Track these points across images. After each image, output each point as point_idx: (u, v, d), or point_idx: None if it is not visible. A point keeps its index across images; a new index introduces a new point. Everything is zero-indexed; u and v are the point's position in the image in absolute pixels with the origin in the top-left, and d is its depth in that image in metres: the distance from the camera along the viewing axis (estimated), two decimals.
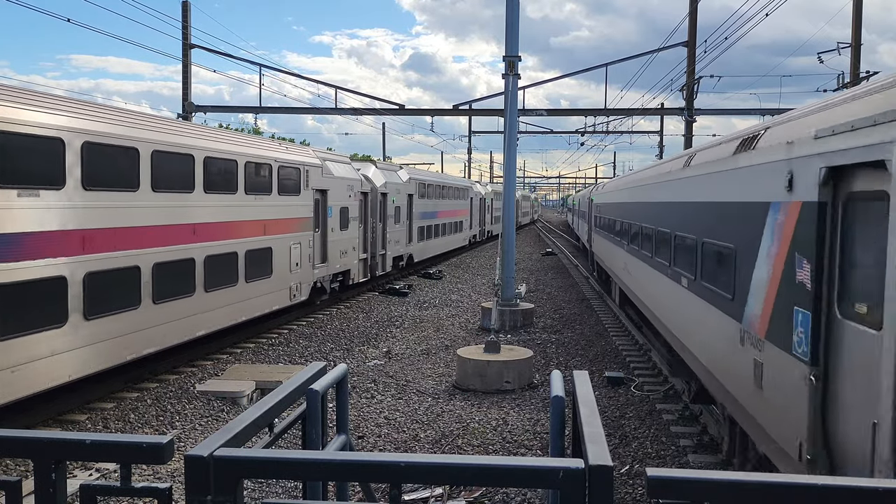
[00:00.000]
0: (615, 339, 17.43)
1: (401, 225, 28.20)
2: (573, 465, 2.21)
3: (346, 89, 33.24)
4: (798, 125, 6.18)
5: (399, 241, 28.05)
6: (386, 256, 26.16)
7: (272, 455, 2.57)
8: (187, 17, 29.28)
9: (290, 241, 17.54)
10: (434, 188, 34.76)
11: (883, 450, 4.15)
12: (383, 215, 25.76)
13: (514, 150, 19.85)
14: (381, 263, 25.72)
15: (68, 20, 20.67)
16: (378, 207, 25.04)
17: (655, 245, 13.04)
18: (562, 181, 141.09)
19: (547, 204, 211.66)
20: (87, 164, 10.55)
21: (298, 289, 18.24)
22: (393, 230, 26.87)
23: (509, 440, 10.04)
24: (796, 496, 2.04)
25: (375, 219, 24.83)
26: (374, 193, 24.54)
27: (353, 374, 13.74)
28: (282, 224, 17.04)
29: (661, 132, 46.27)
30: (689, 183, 10.30)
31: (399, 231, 27.98)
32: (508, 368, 12.73)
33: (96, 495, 2.53)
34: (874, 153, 4.43)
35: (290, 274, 17.60)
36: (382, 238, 25.77)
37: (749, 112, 31.66)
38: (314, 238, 19.17)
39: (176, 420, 11.05)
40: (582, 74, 36.02)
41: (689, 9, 28.47)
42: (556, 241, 59.55)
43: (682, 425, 10.76)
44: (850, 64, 24.17)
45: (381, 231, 25.53)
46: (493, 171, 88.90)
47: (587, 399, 3.06)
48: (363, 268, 23.75)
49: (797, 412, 5.45)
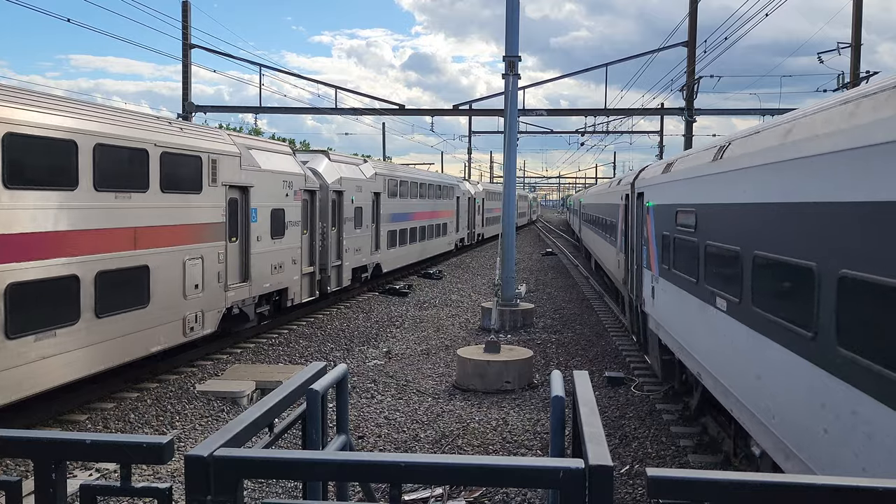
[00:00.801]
0: (615, 339, 17.44)
1: (364, 230, 23.68)
2: (573, 465, 2.21)
3: (346, 89, 33.28)
4: None
5: (361, 248, 23.49)
6: (342, 268, 21.57)
7: (272, 455, 2.57)
8: (187, 17, 29.29)
9: (183, 255, 12.89)
10: (409, 186, 30.34)
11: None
12: (338, 218, 21.27)
13: (514, 150, 19.86)
14: (335, 277, 21.21)
15: (68, 20, 20.71)
16: (331, 209, 20.54)
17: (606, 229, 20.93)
18: (562, 181, 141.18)
19: (547, 204, 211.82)
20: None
21: (199, 319, 13.51)
22: (352, 236, 22.47)
23: (509, 440, 10.04)
24: (796, 496, 2.04)
25: (327, 223, 20.38)
26: (324, 192, 20.14)
27: (353, 374, 13.74)
28: (167, 233, 12.46)
29: (661, 132, 46.34)
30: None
31: (361, 237, 23.43)
32: (508, 368, 12.73)
33: (96, 495, 2.53)
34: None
35: (182, 300, 12.92)
36: (337, 246, 21.33)
37: (749, 112, 31.66)
38: (228, 250, 14.40)
39: (176, 420, 11.06)
40: (582, 74, 36.10)
41: (689, 9, 28.48)
42: (556, 242, 59.54)
43: (682, 425, 10.76)
44: (850, 64, 24.18)
45: (334, 238, 21.08)
46: (493, 171, 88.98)
47: (587, 399, 3.06)
48: (308, 284, 19.23)
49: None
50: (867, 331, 4.70)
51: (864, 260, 4.67)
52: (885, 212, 4.44)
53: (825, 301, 5.19)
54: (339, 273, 21.54)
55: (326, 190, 20.30)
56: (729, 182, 7.85)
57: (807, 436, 5.59)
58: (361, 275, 24.03)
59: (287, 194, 17.36)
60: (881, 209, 4.49)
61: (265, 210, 16.16)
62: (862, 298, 4.74)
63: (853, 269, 4.78)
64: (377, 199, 25.48)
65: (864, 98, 5.04)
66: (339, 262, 21.39)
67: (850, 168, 4.95)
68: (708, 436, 10.12)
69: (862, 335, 4.77)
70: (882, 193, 4.48)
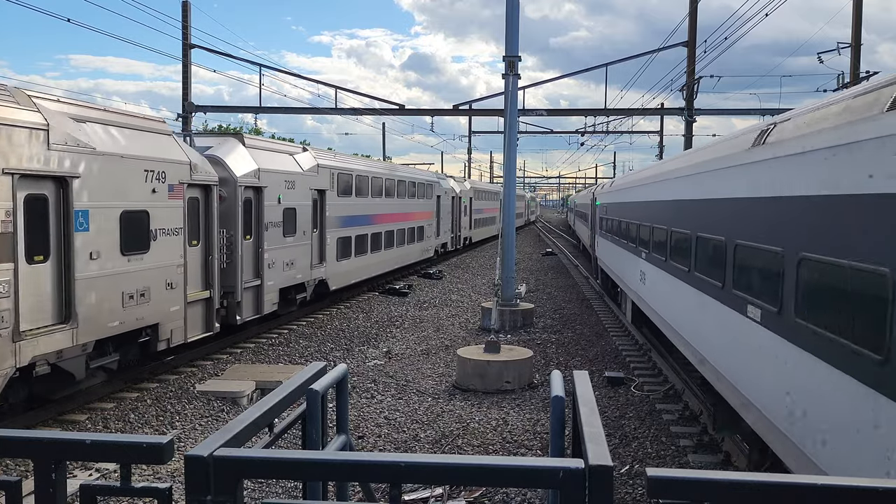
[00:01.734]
0: (615, 339, 17.44)
1: (299, 238, 18.40)
2: (573, 465, 2.21)
3: (346, 89, 33.24)
4: None
5: (295, 262, 18.22)
6: (263, 290, 16.41)
7: (272, 455, 2.57)
8: (187, 17, 29.29)
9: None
10: (370, 182, 24.75)
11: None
12: (256, 223, 16.28)
13: (514, 150, 19.86)
14: (249, 302, 16.04)
15: (68, 20, 20.68)
16: (242, 211, 15.51)
17: (584, 218, 31.50)
18: (562, 181, 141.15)
19: (547, 204, 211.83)
20: None
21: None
22: (280, 247, 17.33)
23: (509, 440, 10.04)
24: (796, 496, 2.04)
25: (235, 230, 15.28)
26: (231, 188, 15.24)
27: (353, 374, 13.74)
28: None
29: (661, 132, 46.32)
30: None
31: (295, 247, 18.22)
32: (508, 368, 12.73)
33: (96, 495, 2.53)
34: None
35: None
36: (254, 261, 16.23)
37: (749, 112, 31.65)
38: (21, 276, 9.53)
39: (176, 420, 11.06)
40: (582, 74, 36.07)
41: (689, 9, 28.48)
42: (556, 242, 59.57)
43: (682, 425, 10.76)
44: (850, 64, 24.17)
45: (249, 250, 16.06)
46: (493, 170, 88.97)
47: (587, 399, 3.06)
48: (201, 316, 14.04)
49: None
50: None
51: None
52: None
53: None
54: (256, 296, 16.34)
55: (234, 185, 15.24)
56: (619, 194, 19.16)
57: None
58: (297, 296, 18.81)
59: (154, 190, 12.22)
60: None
61: (108, 213, 11.21)
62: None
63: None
64: (321, 199, 20.19)
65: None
66: (258, 281, 16.28)
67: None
68: (708, 436, 10.13)
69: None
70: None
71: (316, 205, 19.87)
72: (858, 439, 4.78)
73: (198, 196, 13.91)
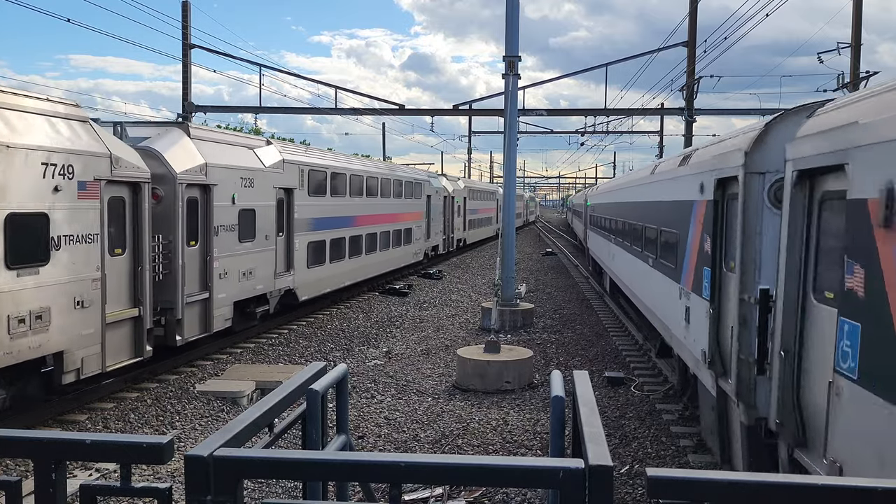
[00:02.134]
0: (615, 339, 17.44)
1: (259, 243, 16.27)
2: (573, 465, 2.21)
3: (346, 89, 33.21)
4: None
5: (255, 271, 16.08)
6: (211, 304, 14.21)
7: (272, 455, 2.57)
8: (187, 17, 29.29)
9: None
10: (348, 181, 22.42)
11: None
12: (203, 227, 14.13)
13: (514, 150, 19.87)
14: (193, 319, 13.79)
15: (68, 20, 20.69)
16: (183, 213, 13.26)
17: (579, 216, 39.10)
18: (562, 181, 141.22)
19: (547, 204, 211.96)
20: None
21: None
22: (234, 254, 15.16)
23: (509, 440, 10.05)
24: (796, 496, 2.04)
25: (175, 235, 13.11)
26: (169, 186, 13.05)
27: (353, 374, 13.74)
28: None
29: (661, 132, 46.34)
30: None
31: (255, 254, 16.08)
32: (508, 368, 12.73)
33: (96, 495, 2.53)
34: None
35: None
36: (202, 271, 14.10)
37: (749, 112, 31.64)
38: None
39: (176, 420, 11.06)
40: (582, 74, 36.08)
41: (689, 9, 28.48)
42: (556, 242, 59.58)
43: (682, 425, 10.76)
44: (850, 64, 24.19)
45: (195, 258, 13.90)
46: (493, 170, 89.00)
47: (587, 399, 3.07)
48: (128, 338, 11.76)
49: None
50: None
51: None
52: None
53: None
54: (204, 312, 14.09)
55: (173, 183, 13.05)
56: (599, 196, 28.78)
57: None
58: (257, 309, 16.48)
59: (57, 188, 9.97)
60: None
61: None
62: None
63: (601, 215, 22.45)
64: (289, 199, 17.92)
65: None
66: (206, 294, 14.09)
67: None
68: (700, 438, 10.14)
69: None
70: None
71: (282, 205, 17.57)
72: (630, 267, 15.95)
73: (123, 196, 11.60)
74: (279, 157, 17.49)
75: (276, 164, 17.23)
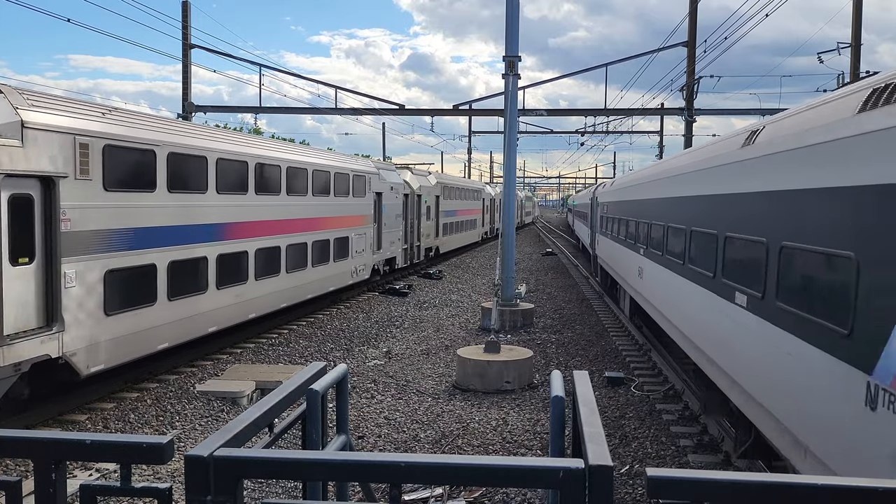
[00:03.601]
0: (615, 339, 17.44)
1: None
2: (573, 465, 2.21)
3: (346, 89, 33.21)
4: None
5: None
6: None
7: (272, 455, 2.57)
8: (187, 17, 29.29)
9: None
10: (206, 166, 13.78)
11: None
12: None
13: (514, 150, 19.86)
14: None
15: (68, 20, 20.67)
16: None
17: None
18: (562, 181, 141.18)
19: (547, 204, 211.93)
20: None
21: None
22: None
23: (509, 440, 10.04)
24: (796, 496, 2.04)
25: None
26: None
27: (353, 374, 13.74)
28: None
29: (661, 132, 46.33)
30: None
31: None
32: (508, 368, 12.73)
33: (96, 495, 2.53)
34: None
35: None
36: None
37: (749, 112, 31.66)
38: None
39: (176, 420, 11.05)
40: (581, 74, 36.07)
41: (689, 9, 28.48)
42: (556, 242, 59.58)
43: (682, 425, 10.76)
44: (850, 64, 24.17)
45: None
46: (493, 171, 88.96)
47: (587, 399, 3.06)
48: None
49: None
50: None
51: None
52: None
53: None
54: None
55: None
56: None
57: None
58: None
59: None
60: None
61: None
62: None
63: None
64: (49, 194, 9.87)
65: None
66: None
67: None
68: (708, 435, 10.13)
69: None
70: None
71: (29, 208, 9.61)
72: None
73: None
74: (15, 118, 9.27)
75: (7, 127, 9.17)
